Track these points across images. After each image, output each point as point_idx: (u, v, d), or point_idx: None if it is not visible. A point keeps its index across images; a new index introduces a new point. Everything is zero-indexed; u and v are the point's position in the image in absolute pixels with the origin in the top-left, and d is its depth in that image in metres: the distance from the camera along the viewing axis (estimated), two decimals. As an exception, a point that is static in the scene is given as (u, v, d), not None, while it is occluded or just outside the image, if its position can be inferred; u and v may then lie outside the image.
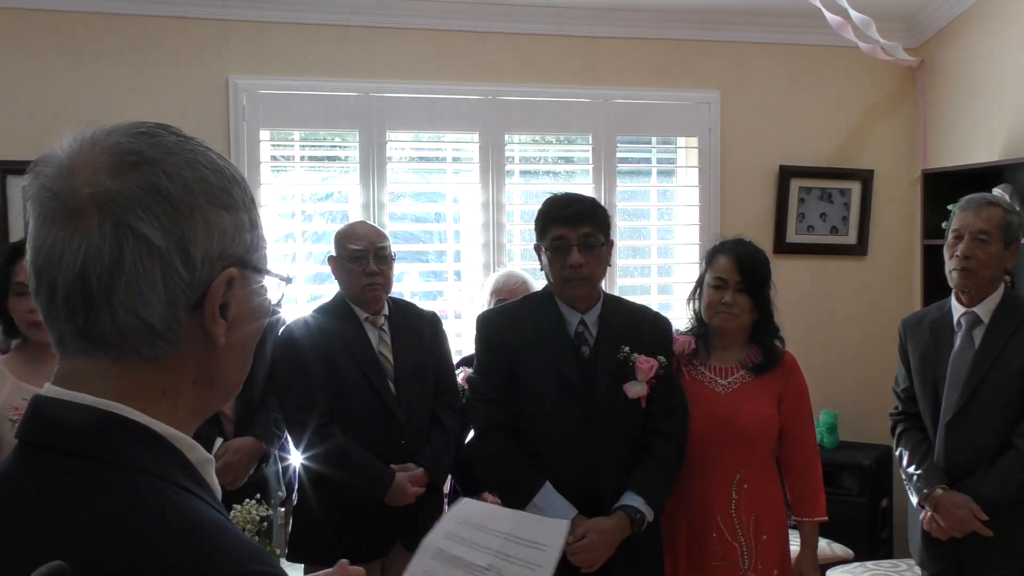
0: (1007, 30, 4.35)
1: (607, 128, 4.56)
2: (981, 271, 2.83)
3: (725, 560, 2.74)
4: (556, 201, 2.69)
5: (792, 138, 4.77)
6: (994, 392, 2.80)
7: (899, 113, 4.92)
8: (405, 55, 4.34)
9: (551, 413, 2.59)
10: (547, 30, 4.47)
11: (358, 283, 3.02)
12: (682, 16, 4.56)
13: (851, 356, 4.83)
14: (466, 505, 1.93)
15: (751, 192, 4.74)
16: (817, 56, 4.76)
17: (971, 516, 2.77)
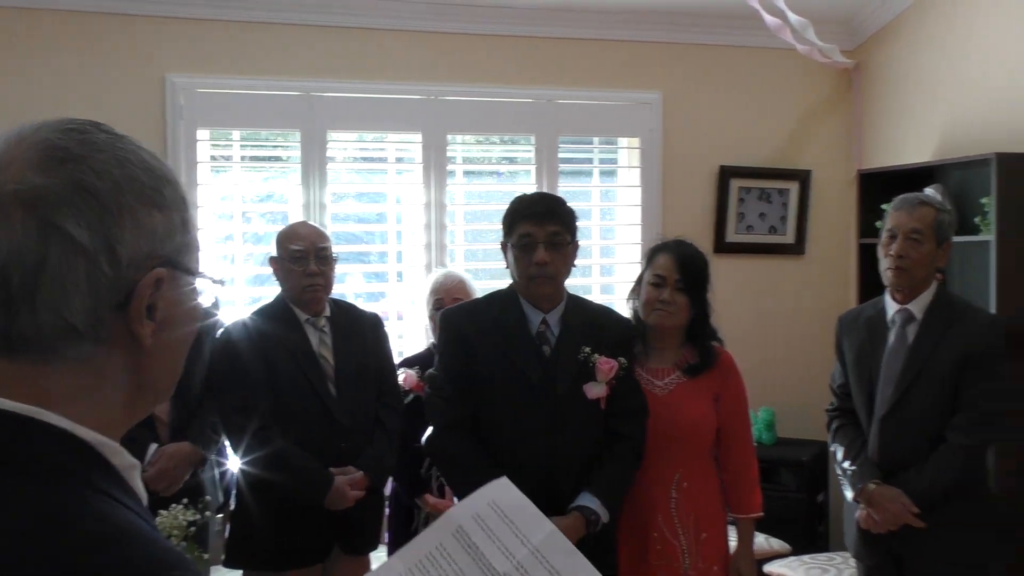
0: (940, 33, 4.46)
1: (549, 128, 4.57)
2: (914, 270, 2.88)
3: (666, 559, 2.76)
4: (525, 199, 2.70)
5: (732, 139, 4.82)
6: (927, 388, 2.86)
7: (836, 114, 5.01)
8: (347, 54, 4.30)
9: (511, 412, 2.60)
10: (489, 30, 4.47)
11: (299, 284, 2.99)
12: (624, 17, 4.59)
13: (789, 353, 4.90)
14: (501, 487, 1.78)
15: (692, 192, 4.79)
16: (756, 58, 4.82)
17: (903, 509, 2.82)
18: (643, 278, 2.89)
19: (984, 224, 3.86)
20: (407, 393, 3.18)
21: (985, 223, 3.85)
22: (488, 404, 2.61)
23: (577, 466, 2.61)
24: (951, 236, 2.95)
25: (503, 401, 2.60)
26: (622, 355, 2.64)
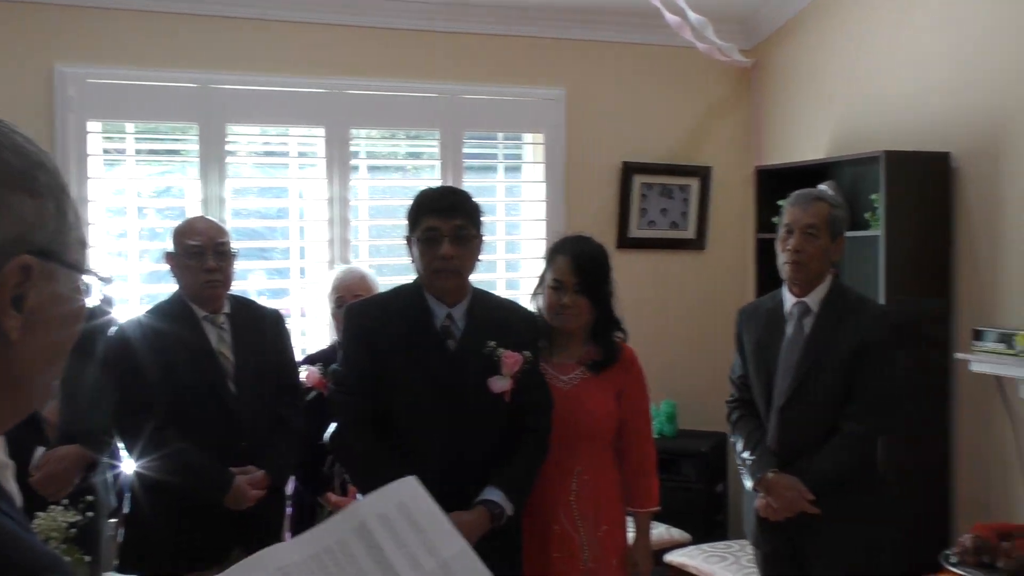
0: (833, 35, 4.60)
1: (454, 123, 4.56)
2: (810, 264, 2.97)
3: (566, 552, 2.78)
4: (429, 193, 2.68)
5: (635, 135, 4.89)
6: (822, 378, 2.95)
7: (734, 112, 5.12)
8: (247, 46, 4.21)
9: (416, 406, 2.58)
10: (393, 24, 4.43)
11: (196, 280, 2.92)
12: (528, 13, 4.61)
13: (690, 346, 5.00)
14: (411, 489, 1.69)
15: (595, 188, 4.84)
16: (658, 55, 4.90)
17: (799, 497, 2.90)
18: (544, 278, 2.90)
19: (873, 220, 4.00)
20: (309, 390, 3.14)
21: (874, 219, 3.99)
22: (392, 399, 2.59)
23: (482, 460, 2.61)
24: (844, 231, 3.05)
25: (407, 396, 2.58)
26: (527, 349, 2.65)
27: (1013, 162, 3.69)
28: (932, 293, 3.94)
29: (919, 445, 3.90)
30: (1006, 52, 3.71)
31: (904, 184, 3.89)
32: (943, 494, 3.97)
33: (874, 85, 4.36)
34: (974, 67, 3.85)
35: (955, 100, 3.94)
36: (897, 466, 3.78)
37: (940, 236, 3.95)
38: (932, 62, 4.05)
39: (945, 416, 3.96)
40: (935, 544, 3.68)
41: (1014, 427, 3.66)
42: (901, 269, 3.86)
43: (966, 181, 3.91)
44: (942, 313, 3.94)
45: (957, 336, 3.91)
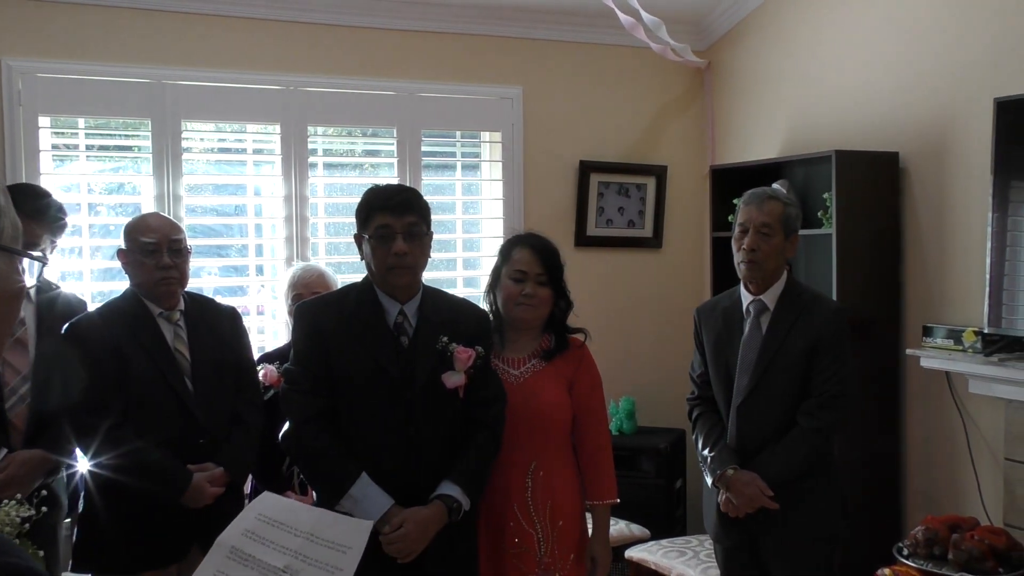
0: (785, 36, 4.67)
1: (412, 122, 4.56)
2: (765, 262, 3.01)
3: (522, 547, 2.78)
4: (380, 191, 2.66)
5: (592, 134, 4.92)
6: (780, 375, 2.99)
7: (689, 112, 5.18)
8: (202, 42, 4.17)
9: (369, 403, 2.57)
10: (349, 21, 4.42)
11: (151, 277, 2.88)
12: (485, 12, 4.62)
13: (648, 344, 5.04)
14: (265, 500, 1.83)
15: (553, 186, 4.87)
16: (614, 55, 4.93)
17: (759, 492, 2.94)
18: (500, 273, 2.91)
19: (826, 218, 4.06)
20: (268, 389, 3.11)
21: (826, 217, 4.05)
22: (346, 397, 2.58)
23: (437, 456, 2.61)
24: (798, 229, 3.09)
25: (361, 393, 2.57)
26: (479, 344, 2.65)
27: (958, 162, 3.77)
28: (883, 290, 4.01)
29: (872, 440, 3.97)
30: (952, 55, 3.79)
31: (855, 183, 3.96)
32: (895, 487, 4.05)
33: (825, 86, 4.43)
34: (921, 69, 3.94)
35: (903, 101, 4.02)
36: (851, 460, 3.85)
37: (890, 234, 4.03)
38: (881, 64, 4.13)
39: (896, 411, 4.04)
40: (888, 536, 3.76)
41: (963, 421, 3.74)
42: (853, 267, 3.93)
43: (914, 180, 3.99)
44: (893, 310, 4.02)
45: (907, 333, 3.99)
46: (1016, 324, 3.37)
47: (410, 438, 2.57)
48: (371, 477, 2.53)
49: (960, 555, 3.12)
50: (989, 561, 3.08)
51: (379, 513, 2.50)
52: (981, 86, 3.63)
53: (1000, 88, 3.49)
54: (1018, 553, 3.15)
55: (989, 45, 3.64)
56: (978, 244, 3.58)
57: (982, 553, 3.08)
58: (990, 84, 3.57)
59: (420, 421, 2.58)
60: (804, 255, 4.35)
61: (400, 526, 2.49)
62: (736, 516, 3.00)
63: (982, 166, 3.54)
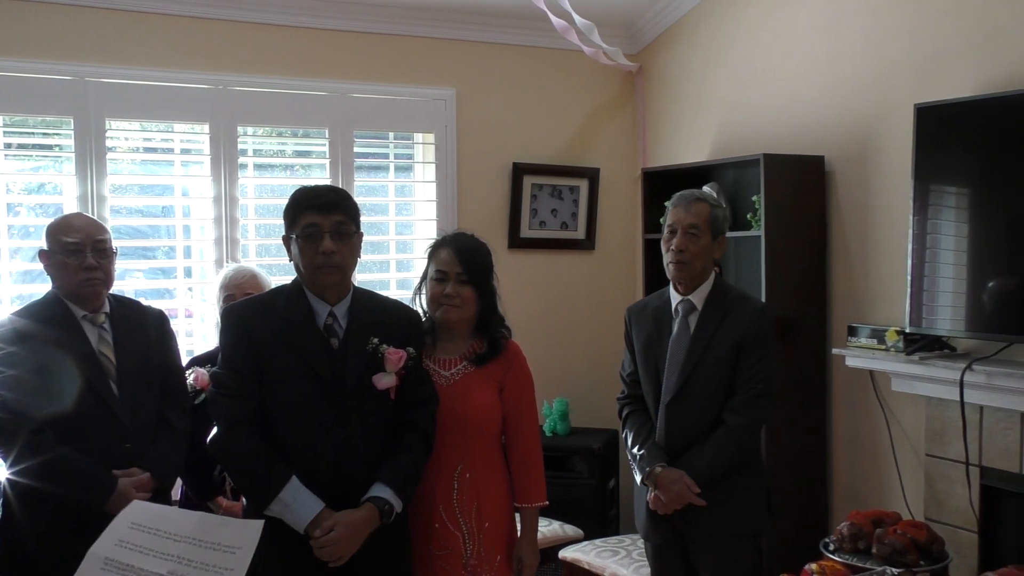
0: (714, 40, 4.74)
1: (344, 122, 4.52)
2: (693, 262, 3.05)
3: (447, 549, 2.77)
4: (307, 191, 2.64)
5: (525, 136, 4.94)
6: (707, 374, 3.03)
7: (621, 115, 5.23)
8: (125, 38, 4.08)
9: (300, 406, 2.54)
10: (281, 20, 4.37)
11: (74, 278, 2.80)
12: (418, 13, 4.60)
13: (581, 345, 5.08)
14: (136, 508, 1.77)
15: (486, 188, 4.87)
16: (547, 58, 4.96)
17: (686, 489, 2.98)
18: (427, 274, 2.90)
19: (754, 220, 4.14)
20: (198, 393, 3.05)
21: (755, 219, 4.13)
22: (276, 400, 2.55)
23: (368, 458, 2.59)
24: (726, 230, 3.15)
25: (291, 396, 2.54)
26: (410, 345, 2.64)
27: (881, 166, 3.87)
28: (810, 291, 4.10)
29: (799, 437, 4.06)
30: (875, 62, 3.89)
31: (782, 186, 4.03)
32: (822, 484, 4.14)
33: (754, 90, 4.51)
34: (846, 75, 4.03)
35: (829, 106, 4.12)
36: (778, 457, 3.93)
37: (817, 236, 4.11)
38: (808, 70, 4.22)
39: (822, 409, 4.13)
40: (815, 532, 3.84)
41: (886, 419, 3.84)
42: (781, 268, 4.01)
43: (839, 184, 4.08)
44: (819, 310, 4.11)
45: (833, 332, 4.08)
46: (936, 324, 3.47)
47: (341, 440, 2.55)
48: (302, 480, 2.50)
49: (883, 549, 3.20)
50: (911, 554, 3.17)
51: (310, 517, 2.47)
52: (903, 93, 3.73)
53: (920, 95, 3.59)
54: (938, 546, 3.25)
55: (910, 53, 3.74)
56: (900, 246, 3.68)
57: (904, 547, 3.17)
58: (911, 91, 3.68)
59: (351, 423, 2.56)
60: (734, 256, 4.42)
61: (331, 529, 2.46)
62: (664, 513, 3.03)
63: (903, 170, 3.64)
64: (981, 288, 3.34)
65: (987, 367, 3.26)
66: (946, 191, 3.48)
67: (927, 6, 3.69)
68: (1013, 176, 3.24)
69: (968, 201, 3.44)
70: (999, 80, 3.38)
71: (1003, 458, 3.33)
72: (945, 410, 3.50)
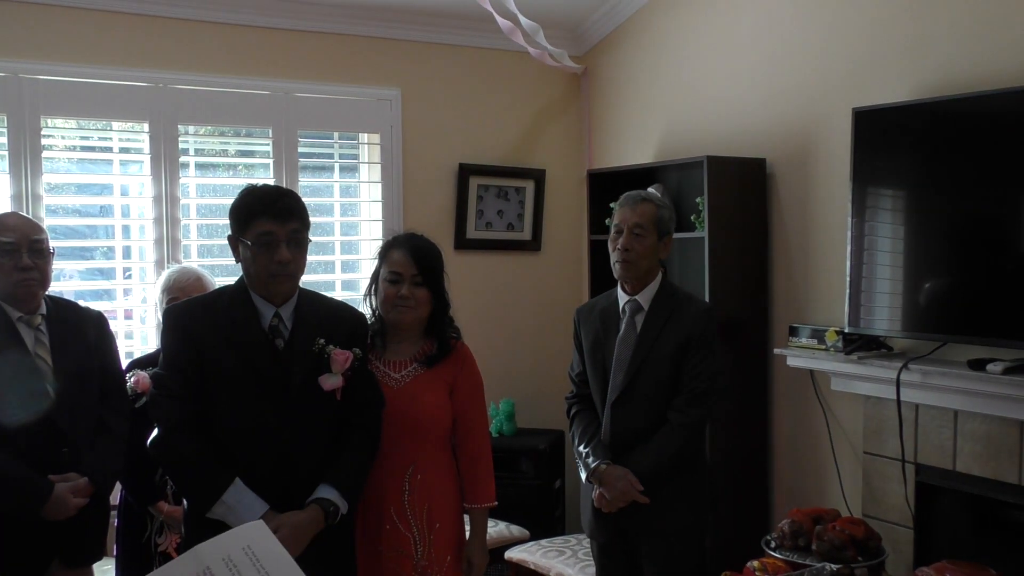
0: (658, 43, 4.79)
1: (288, 122, 4.48)
2: (639, 261, 3.08)
3: (398, 550, 2.77)
4: (261, 194, 2.57)
5: (471, 137, 4.94)
6: (652, 372, 3.06)
7: (567, 116, 5.25)
8: (62, 34, 3.99)
9: (244, 407, 2.51)
10: (222, 18, 4.31)
11: (9, 279, 2.74)
12: (362, 12, 4.58)
13: (528, 346, 5.09)
14: (258, 531, 1.68)
15: (433, 189, 4.86)
16: (493, 59, 4.96)
17: (630, 487, 3.01)
18: (379, 275, 2.89)
19: (698, 221, 4.18)
20: (139, 396, 3.00)
21: (699, 220, 4.17)
22: (219, 401, 2.51)
23: (313, 459, 2.57)
24: (671, 230, 3.18)
25: (235, 397, 2.51)
26: (356, 346, 2.63)
27: (820, 169, 3.94)
28: (752, 292, 4.15)
29: (741, 435, 4.11)
30: (815, 66, 3.97)
31: (725, 188, 4.08)
32: (763, 482, 4.20)
33: (697, 93, 4.57)
34: (786, 79, 4.10)
35: (770, 109, 4.18)
36: (721, 455, 3.98)
37: (759, 238, 4.17)
38: (749, 73, 4.29)
39: (764, 408, 4.19)
40: (757, 530, 3.90)
41: (826, 418, 3.91)
42: (724, 269, 4.06)
43: (780, 186, 4.15)
44: (761, 311, 4.17)
45: (774, 332, 4.14)
46: (873, 324, 3.54)
47: (286, 442, 2.53)
48: (245, 482, 2.48)
49: (823, 545, 3.25)
50: (849, 550, 3.22)
51: (254, 519, 2.43)
52: (841, 96, 3.80)
53: (858, 99, 3.67)
54: (875, 542, 3.31)
55: (849, 58, 3.82)
56: (839, 247, 3.75)
57: (843, 543, 3.22)
58: (849, 95, 3.75)
59: (296, 424, 2.54)
60: (678, 257, 4.46)
61: (276, 531, 2.44)
62: (609, 511, 3.05)
63: (842, 173, 3.71)
64: (917, 289, 3.41)
65: (923, 366, 3.33)
66: (883, 193, 3.56)
67: (864, 12, 3.76)
68: (948, 179, 3.32)
69: (904, 203, 3.52)
70: (934, 84, 3.46)
71: (938, 455, 3.41)
72: (882, 408, 3.58)
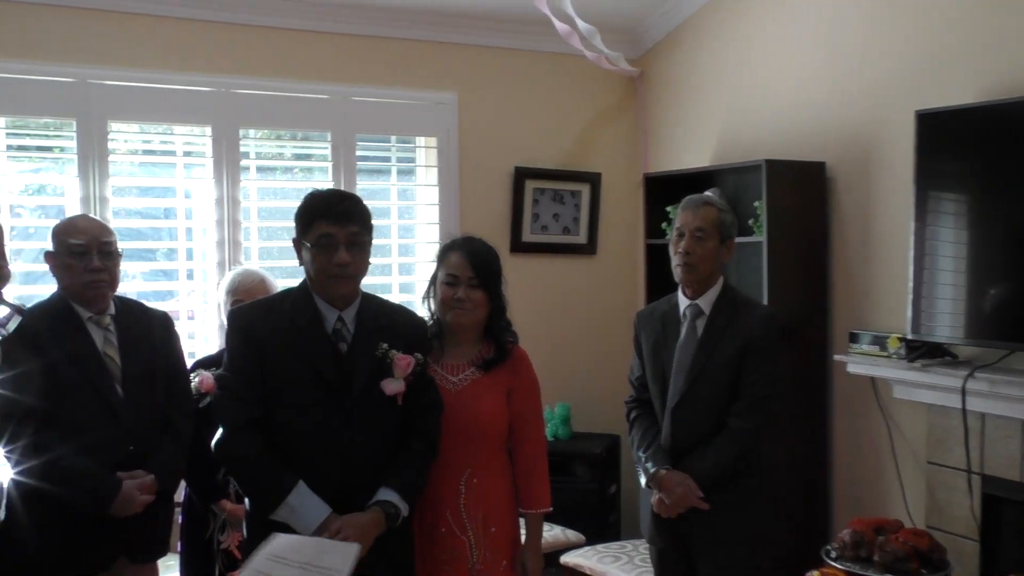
0: (716, 45, 4.75)
1: (346, 126, 4.53)
2: (700, 265, 3.07)
3: (453, 553, 2.77)
4: (322, 197, 2.61)
5: (527, 141, 4.94)
6: (712, 377, 3.04)
7: (623, 120, 5.23)
8: (127, 41, 4.08)
9: (306, 410, 2.53)
10: (284, 24, 4.37)
11: (80, 280, 2.80)
12: (420, 17, 4.61)
13: (583, 350, 5.07)
14: (276, 539, 1.81)
15: (488, 192, 4.87)
16: (549, 62, 4.96)
17: (689, 492, 2.99)
18: (437, 277, 2.90)
19: (756, 226, 4.14)
20: (203, 396, 3.04)
21: (757, 225, 4.13)
22: (282, 404, 2.54)
23: (374, 463, 2.58)
24: (734, 235, 3.15)
25: (297, 400, 2.53)
26: (416, 350, 2.64)
27: (882, 172, 3.88)
28: (811, 297, 4.10)
29: (799, 443, 4.06)
30: (877, 68, 3.91)
31: (784, 192, 4.04)
32: (822, 490, 4.14)
33: (755, 96, 4.52)
34: (847, 81, 4.04)
35: (830, 112, 4.12)
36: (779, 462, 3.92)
37: (818, 242, 4.12)
38: (809, 75, 4.23)
39: (823, 416, 4.13)
40: (816, 539, 3.84)
41: (887, 426, 3.84)
42: (782, 274, 4.01)
43: (840, 190, 4.09)
44: (820, 316, 4.11)
45: (834, 339, 4.08)
46: (937, 331, 3.47)
47: (347, 445, 2.54)
48: (308, 484, 2.50)
49: (885, 557, 3.20)
50: (913, 562, 3.16)
51: (317, 522, 2.46)
52: (904, 99, 3.74)
53: (922, 101, 3.60)
54: (939, 554, 3.25)
55: (912, 59, 3.76)
56: (901, 252, 3.68)
57: (906, 554, 3.16)
58: (912, 97, 3.68)
59: (357, 428, 2.56)
60: (736, 262, 4.41)
61: (338, 533, 2.46)
62: (668, 517, 3.03)
63: (904, 177, 3.65)
64: (982, 295, 3.35)
65: (989, 375, 3.26)
66: (947, 197, 3.49)
67: (928, 12, 3.70)
68: (1014, 183, 3.25)
69: (969, 208, 3.45)
70: (1000, 87, 3.39)
71: (1004, 466, 3.33)
72: (947, 418, 3.51)
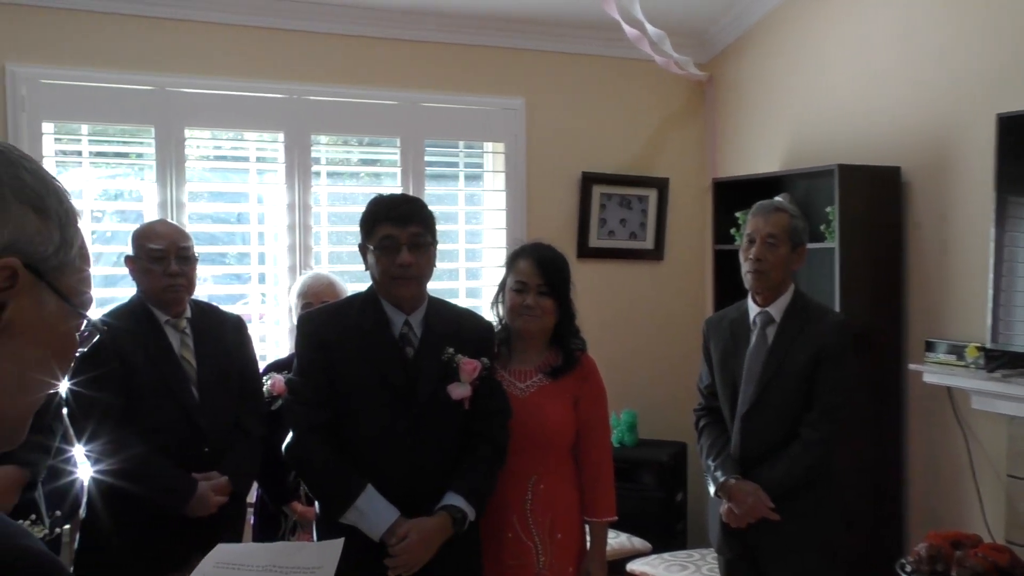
0: (786, 49, 4.69)
1: (415, 131, 4.56)
2: (771, 272, 3.02)
3: (519, 559, 2.77)
4: (384, 201, 2.64)
5: (594, 146, 4.93)
6: (783, 386, 2.99)
7: (691, 124, 5.19)
8: (204, 50, 4.16)
9: (374, 414, 2.55)
10: (353, 31, 4.42)
11: (158, 284, 2.87)
12: (488, 23, 4.63)
13: (650, 356, 5.03)
14: (220, 549, 1.83)
15: (555, 197, 4.87)
16: (616, 67, 4.94)
17: (760, 502, 2.95)
18: (506, 283, 2.90)
19: (828, 232, 4.07)
20: (275, 398, 3.09)
21: (829, 231, 4.06)
22: (350, 408, 2.56)
23: (441, 467, 2.59)
24: (805, 241, 3.11)
25: (365, 404, 2.55)
26: (482, 355, 2.64)
27: (960, 177, 3.78)
28: (885, 304, 4.01)
29: (874, 453, 3.97)
30: (954, 70, 3.81)
31: (857, 197, 3.96)
32: (897, 502, 4.05)
33: (826, 99, 4.45)
34: (923, 84, 3.95)
35: (905, 116, 4.03)
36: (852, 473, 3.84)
37: (892, 248, 4.03)
38: (883, 78, 4.15)
39: (898, 425, 4.04)
40: (890, 552, 3.76)
41: (965, 437, 3.74)
42: (855, 281, 3.94)
43: (916, 195, 4.00)
44: (895, 324, 4.02)
45: (909, 347, 3.99)
46: (1017, 340, 3.38)
47: (414, 449, 2.56)
48: (375, 488, 2.52)
49: (964, 572, 3.11)
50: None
51: (386, 525, 2.48)
52: (983, 101, 3.64)
53: (1002, 104, 3.50)
54: (1021, 571, 3.15)
55: (991, 61, 3.66)
56: (980, 259, 3.58)
57: (986, 570, 3.08)
58: (992, 99, 3.59)
59: (424, 432, 2.57)
60: (806, 268, 4.33)
61: (405, 536, 2.47)
62: (738, 527, 2.99)
63: (984, 181, 3.55)
64: (1067, 303, 3.24)
65: (1074, 385, 3.16)
66: (1029, 203, 3.39)
67: (1007, 12, 3.60)
68: (1102, 188, 3.15)
69: (1053, 214, 3.35)
70: (1088, 90, 3.29)
71: (1090, 479, 3.23)
72: (1028, 429, 3.41)
